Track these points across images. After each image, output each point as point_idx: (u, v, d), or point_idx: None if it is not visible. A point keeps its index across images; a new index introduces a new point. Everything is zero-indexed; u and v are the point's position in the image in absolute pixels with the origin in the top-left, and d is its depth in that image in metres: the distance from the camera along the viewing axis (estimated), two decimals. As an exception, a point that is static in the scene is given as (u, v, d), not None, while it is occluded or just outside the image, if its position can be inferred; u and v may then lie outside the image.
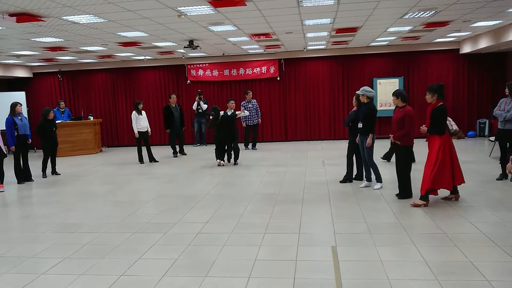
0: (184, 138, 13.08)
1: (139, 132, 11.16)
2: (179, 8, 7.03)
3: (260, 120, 13.38)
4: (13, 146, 9.00)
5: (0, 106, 12.65)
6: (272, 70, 14.66)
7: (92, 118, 14.03)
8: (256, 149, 13.23)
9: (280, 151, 12.67)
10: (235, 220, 5.81)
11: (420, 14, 8.37)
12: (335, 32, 10.30)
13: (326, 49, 14.08)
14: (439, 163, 5.93)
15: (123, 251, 4.83)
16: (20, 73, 15.04)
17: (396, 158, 6.65)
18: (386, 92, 13.72)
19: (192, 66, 15.06)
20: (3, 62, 13.65)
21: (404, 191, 6.51)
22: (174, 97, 12.58)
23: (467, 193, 6.73)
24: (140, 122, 11.17)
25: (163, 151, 13.41)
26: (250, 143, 13.37)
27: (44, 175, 9.88)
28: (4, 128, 9.18)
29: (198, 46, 10.69)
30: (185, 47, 10.74)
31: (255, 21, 8.38)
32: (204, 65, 15.00)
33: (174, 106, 12.41)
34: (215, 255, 4.58)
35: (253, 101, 13.16)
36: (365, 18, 8.67)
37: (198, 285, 3.87)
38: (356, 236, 4.99)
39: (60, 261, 4.59)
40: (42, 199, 7.92)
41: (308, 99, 14.62)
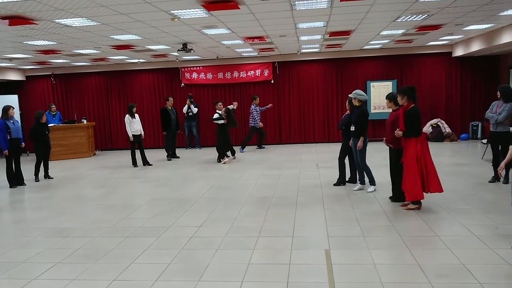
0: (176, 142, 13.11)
1: (133, 135, 11.12)
2: (173, 11, 7.02)
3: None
4: (5, 150, 8.93)
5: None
6: (266, 73, 14.68)
7: (85, 122, 13.97)
8: (264, 147, 14.11)
9: (274, 154, 12.67)
10: (228, 224, 5.80)
11: (412, 18, 8.42)
12: (328, 35, 10.34)
13: (320, 52, 14.12)
14: (411, 168, 5.89)
15: (116, 256, 4.80)
16: (13, 76, 14.94)
17: (390, 160, 6.67)
18: (380, 95, 13.78)
19: (186, 69, 15.04)
20: (-4, 65, 13.58)
21: (398, 194, 6.53)
22: (171, 99, 12.65)
23: (460, 195, 6.77)
24: (133, 125, 11.13)
25: (157, 154, 13.37)
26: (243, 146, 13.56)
27: (36, 179, 9.81)
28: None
29: (191, 49, 10.69)
30: (178, 50, 10.73)
31: (249, 24, 8.40)
32: (198, 68, 14.99)
33: (170, 109, 12.44)
34: (208, 259, 4.56)
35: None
36: (358, 22, 8.72)
37: (191, 289, 3.86)
38: (349, 239, 5.00)
39: (52, 266, 4.55)
40: (35, 203, 7.86)
41: (302, 102, 14.64)
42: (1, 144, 8.88)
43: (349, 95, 7.43)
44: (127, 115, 11.16)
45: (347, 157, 7.88)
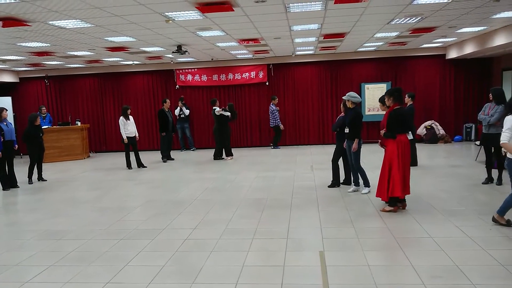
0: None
1: (127, 137, 11.09)
2: (167, 14, 7.01)
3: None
4: (-1, 152, 8.87)
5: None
6: (261, 75, 14.69)
7: (79, 124, 13.91)
8: (279, 148, 14.32)
9: (269, 156, 12.68)
10: (223, 226, 5.79)
11: (406, 20, 8.47)
12: (323, 37, 10.37)
13: (315, 54, 14.16)
14: (395, 169, 5.93)
15: (110, 258, 4.78)
16: (6, 78, 14.84)
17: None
18: (374, 97, 13.82)
19: (180, 71, 15.02)
20: (-11, 67, 13.49)
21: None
22: (168, 101, 12.71)
23: (454, 197, 6.81)
24: (128, 127, 11.11)
25: (152, 156, 13.33)
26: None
27: (30, 181, 9.75)
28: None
29: (186, 51, 10.68)
30: (173, 52, 10.72)
31: (243, 26, 8.40)
32: (192, 70, 14.97)
33: (167, 111, 12.45)
34: (202, 261, 4.55)
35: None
36: (352, 24, 8.75)
37: (185, 292, 3.85)
38: (344, 241, 5.00)
39: (45, 269, 4.52)
40: (28, 205, 7.80)
41: (297, 104, 14.66)
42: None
43: (343, 97, 7.45)
44: (121, 117, 11.13)
45: (341, 159, 7.89)
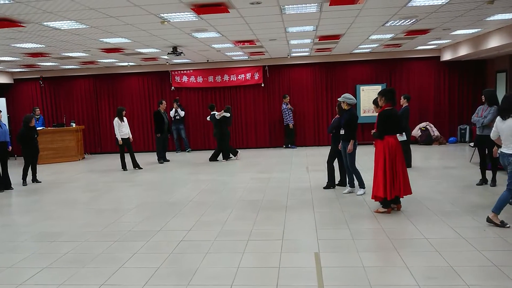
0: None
1: (121, 139, 11.06)
2: (162, 15, 7.01)
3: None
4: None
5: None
6: (256, 76, 14.70)
7: (74, 125, 13.86)
8: (295, 147, 14.43)
9: (265, 157, 12.68)
10: (218, 227, 5.78)
11: (401, 22, 8.51)
12: (318, 39, 10.39)
13: (310, 56, 14.19)
14: (380, 170, 5.97)
15: (104, 260, 4.76)
16: (1, 79, 14.76)
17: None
18: (369, 98, 13.83)
19: (176, 73, 15.00)
20: (-17, 68, 13.42)
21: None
22: (164, 103, 12.72)
23: (448, 198, 6.84)
24: (122, 129, 11.10)
25: (147, 157, 13.30)
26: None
27: (24, 183, 9.69)
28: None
29: (182, 53, 10.67)
30: (168, 54, 10.71)
31: (239, 28, 8.41)
32: (188, 71, 14.96)
33: (163, 112, 12.47)
34: (197, 263, 4.54)
35: (288, 104, 14.21)
36: (347, 26, 8.78)
37: (180, 293, 3.84)
38: (339, 242, 5.01)
39: (39, 271, 4.50)
40: (22, 207, 7.76)
41: (292, 105, 14.66)
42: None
43: (338, 99, 7.47)
44: (116, 118, 11.10)
45: (337, 160, 7.90)
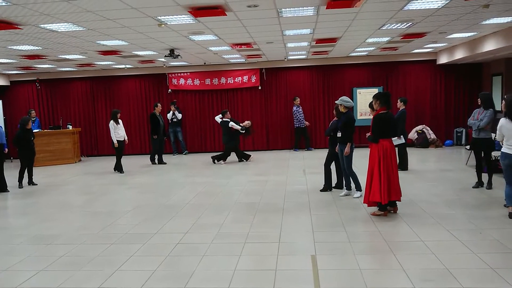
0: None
1: (117, 141, 11.08)
2: (160, 18, 7.01)
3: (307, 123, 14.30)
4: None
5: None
6: (253, 79, 14.72)
7: (71, 127, 13.82)
8: (311, 150, 14.28)
9: (262, 160, 12.68)
10: (215, 230, 5.78)
11: (397, 26, 8.54)
12: (315, 42, 10.42)
13: (307, 59, 14.22)
14: (376, 174, 5.97)
15: (100, 263, 4.75)
16: (-3, 81, 14.74)
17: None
18: (366, 101, 13.86)
19: (173, 75, 15.00)
20: (-21, 70, 13.38)
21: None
22: (160, 106, 12.81)
23: (444, 201, 6.86)
24: (118, 131, 11.12)
25: (144, 160, 13.27)
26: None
27: (20, 186, 9.66)
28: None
29: (179, 55, 10.68)
30: (166, 56, 10.71)
31: (236, 31, 8.42)
32: (185, 74, 14.96)
33: (158, 115, 12.49)
34: (194, 265, 4.54)
35: (300, 107, 14.13)
36: (344, 29, 8.81)
37: (177, 296, 3.83)
38: (335, 245, 5.02)
39: (35, 273, 4.48)
40: (18, 210, 7.73)
41: (290, 108, 14.69)
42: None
43: (335, 102, 7.49)
44: (112, 121, 11.11)
45: (334, 163, 7.92)
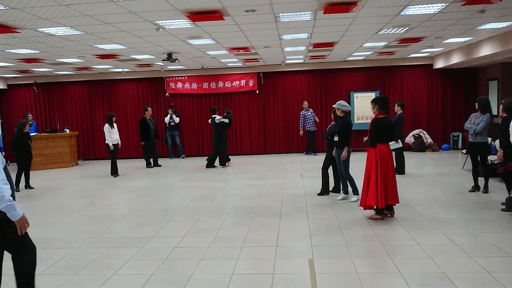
0: (157, 150, 13.20)
1: (112, 144, 11.13)
2: (158, 22, 7.03)
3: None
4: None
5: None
6: (251, 83, 14.75)
7: (68, 131, 13.81)
8: (316, 154, 13.76)
9: (259, 164, 12.69)
10: (212, 234, 5.78)
11: (394, 30, 8.59)
12: (312, 46, 10.46)
13: (304, 63, 14.26)
14: (373, 178, 5.99)
15: (98, 267, 4.74)
16: (-6, 84, 14.73)
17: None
18: (363, 105, 13.98)
19: (171, 79, 15.02)
20: (-24, 73, 13.36)
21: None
22: (150, 110, 12.84)
23: (441, 204, 6.88)
24: (112, 135, 11.15)
25: (142, 163, 13.26)
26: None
27: (17, 189, 9.62)
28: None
29: (176, 59, 10.69)
30: (163, 60, 10.72)
31: (234, 35, 8.45)
32: (183, 78, 14.98)
33: (149, 119, 12.53)
34: (192, 269, 4.54)
35: (310, 109, 13.91)
36: (341, 34, 8.85)
37: (174, 300, 3.83)
38: (333, 249, 5.03)
39: (31, 278, 4.46)
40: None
41: (287, 112, 14.73)
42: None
43: (333, 106, 7.52)
44: (107, 124, 11.14)
45: (331, 167, 7.94)
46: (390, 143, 6.27)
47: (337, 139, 7.33)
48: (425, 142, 13.78)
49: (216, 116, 11.95)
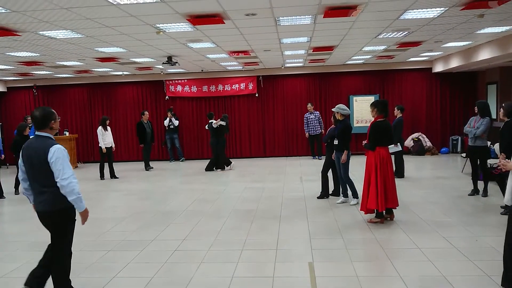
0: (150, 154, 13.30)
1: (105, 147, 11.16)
2: (158, 25, 7.06)
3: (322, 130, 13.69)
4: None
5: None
6: (250, 86, 14.77)
7: (67, 134, 13.81)
8: (320, 158, 13.38)
9: (259, 167, 12.70)
10: (212, 237, 5.78)
11: (393, 34, 8.63)
12: (312, 50, 10.50)
13: (304, 66, 14.30)
14: (373, 182, 5.99)
15: (97, 270, 4.74)
16: (-6, 87, 14.73)
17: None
18: (362, 109, 14.01)
19: (170, 82, 15.04)
20: (-24, 76, 13.36)
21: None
22: (147, 113, 12.98)
23: (441, 208, 6.89)
24: (106, 138, 11.19)
25: (141, 166, 13.25)
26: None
27: (16, 192, 9.62)
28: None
29: (176, 62, 10.71)
30: (163, 63, 10.75)
31: (234, 38, 8.48)
32: (182, 81, 15.01)
33: (146, 122, 12.64)
34: (192, 272, 4.54)
35: (315, 112, 13.71)
36: (341, 38, 8.89)
37: (174, 303, 3.83)
38: (332, 252, 5.03)
39: (31, 280, 4.45)
40: (14, 216, 7.70)
41: (286, 115, 14.75)
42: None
43: (332, 109, 7.54)
44: (100, 127, 11.19)
45: (331, 170, 7.95)
46: (389, 146, 6.28)
47: (336, 143, 7.34)
48: (424, 146, 13.81)
49: (213, 121, 11.97)
